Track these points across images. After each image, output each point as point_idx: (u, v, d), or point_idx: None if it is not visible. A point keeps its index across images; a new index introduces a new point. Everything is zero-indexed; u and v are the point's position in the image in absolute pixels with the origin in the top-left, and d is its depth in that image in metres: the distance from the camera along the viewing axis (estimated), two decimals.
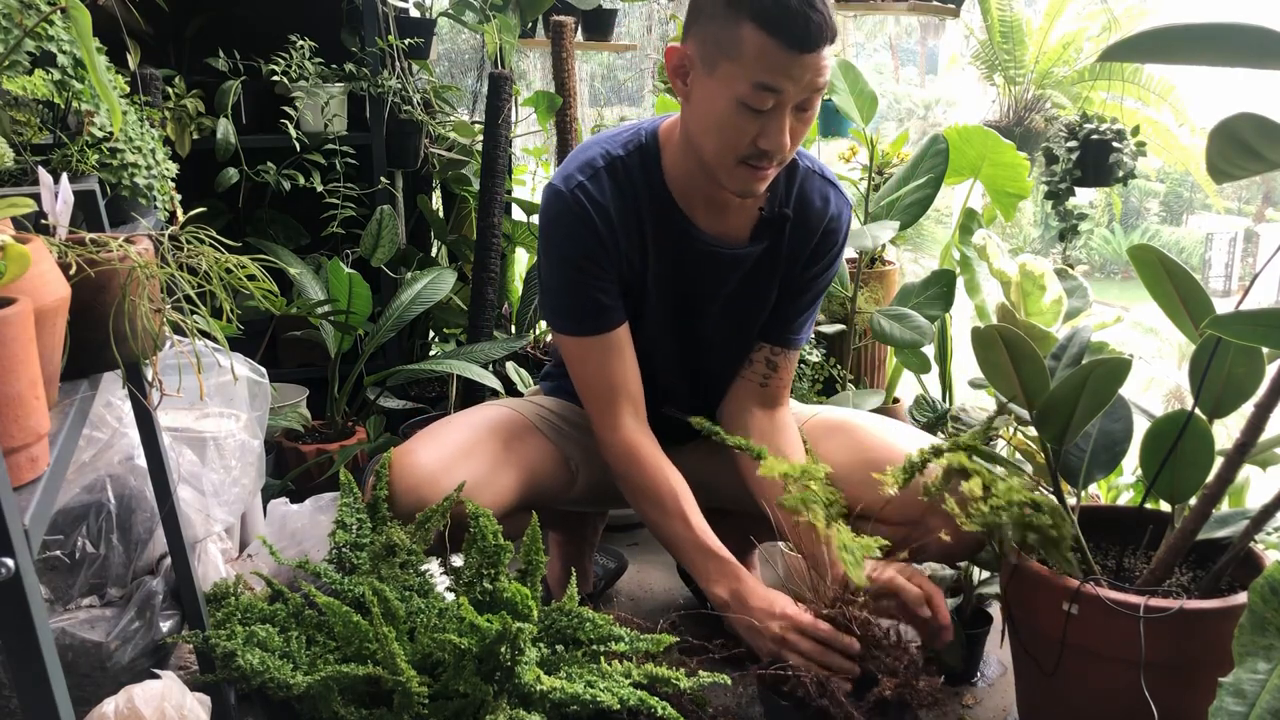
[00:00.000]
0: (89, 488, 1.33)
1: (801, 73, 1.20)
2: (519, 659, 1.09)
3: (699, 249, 1.41)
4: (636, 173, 1.38)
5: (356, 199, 2.38)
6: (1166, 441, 1.22)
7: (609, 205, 1.36)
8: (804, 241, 1.45)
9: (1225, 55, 0.78)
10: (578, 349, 1.42)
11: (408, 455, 1.37)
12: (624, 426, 1.42)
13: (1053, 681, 1.22)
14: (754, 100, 1.22)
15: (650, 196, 1.38)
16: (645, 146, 1.39)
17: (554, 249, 1.39)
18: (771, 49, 1.18)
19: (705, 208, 1.40)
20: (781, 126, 1.24)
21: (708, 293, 1.45)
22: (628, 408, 1.42)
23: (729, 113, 1.24)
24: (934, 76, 14.26)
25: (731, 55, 1.21)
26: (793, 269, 1.47)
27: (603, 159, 1.37)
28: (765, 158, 1.27)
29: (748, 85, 1.21)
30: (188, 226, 0.99)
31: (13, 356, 0.70)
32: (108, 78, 1.02)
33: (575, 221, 1.35)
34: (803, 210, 1.44)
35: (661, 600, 1.85)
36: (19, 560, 0.67)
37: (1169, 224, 12.53)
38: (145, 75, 1.90)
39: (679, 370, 1.53)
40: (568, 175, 1.37)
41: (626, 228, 1.37)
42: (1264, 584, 0.88)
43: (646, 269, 1.42)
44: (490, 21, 2.51)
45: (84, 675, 1.22)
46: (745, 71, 1.20)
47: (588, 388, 1.44)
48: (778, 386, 1.52)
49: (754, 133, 1.25)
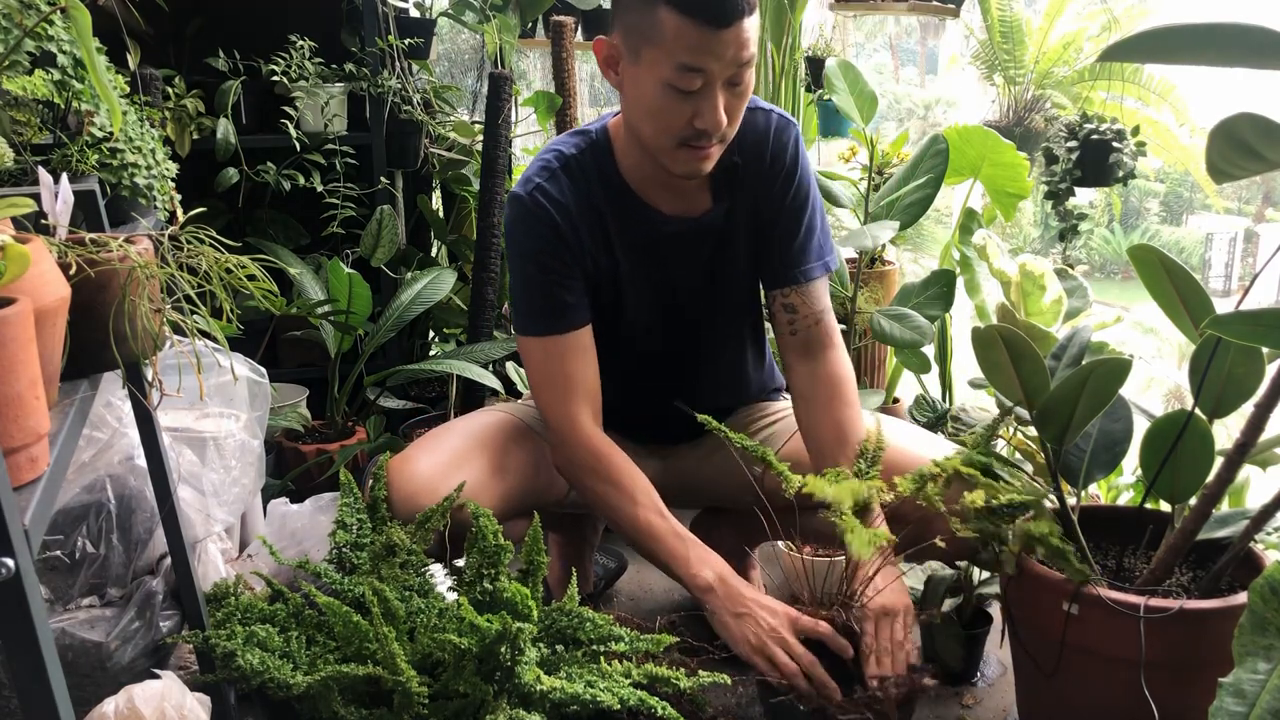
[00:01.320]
0: (89, 488, 1.33)
1: (723, 49, 1.21)
2: (519, 659, 1.09)
3: (666, 231, 1.42)
4: (590, 169, 1.39)
5: (356, 199, 2.38)
6: (1166, 441, 1.22)
7: (568, 203, 1.37)
8: (762, 178, 1.43)
9: (1225, 55, 0.78)
10: (540, 349, 1.41)
11: (406, 463, 1.38)
12: (585, 424, 1.40)
13: (1053, 682, 1.22)
14: (681, 82, 1.23)
15: (607, 190, 1.40)
16: (596, 142, 1.41)
17: (516, 250, 1.40)
18: (689, 29, 1.19)
19: (663, 190, 1.41)
20: (714, 104, 1.25)
21: (685, 271, 1.46)
22: (588, 407, 1.40)
23: (659, 97, 1.25)
24: (934, 76, 14.26)
25: (653, 40, 1.22)
26: (759, 211, 1.45)
27: (557, 160, 1.39)
28: (704, 137, 1.28)
29: (671, 68, 1.22)
30: (188, 226, 0.99)
31: (13, 356, 0.70)
32: (108, 78, 1.02)
33: (534, 221, 1.37)
34: (746, 150, 1.42)
35: (661, 600, 1.85)
36: (19, 560, 0.67)
37: (1169, 224, 12.52)
38: (145, 75, 1.90)
39: (680, 360, 1.53)
40: (526, 179, 1.39)
41: (588, 223, 1.39)
42: (1264, 584, 0.88)
43: (617, 265, 1.42)
44: (490, 21, 2.51)
45: (84, 675, 1.22)
46: (667, 55, 1.21)
47: (549, 386, 1.41)
48: (807, 328, 1.45)
49: (688, 114, 1.25)
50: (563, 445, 1.42)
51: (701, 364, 1.55)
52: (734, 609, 1.27)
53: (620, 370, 1.48)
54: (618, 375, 1.47)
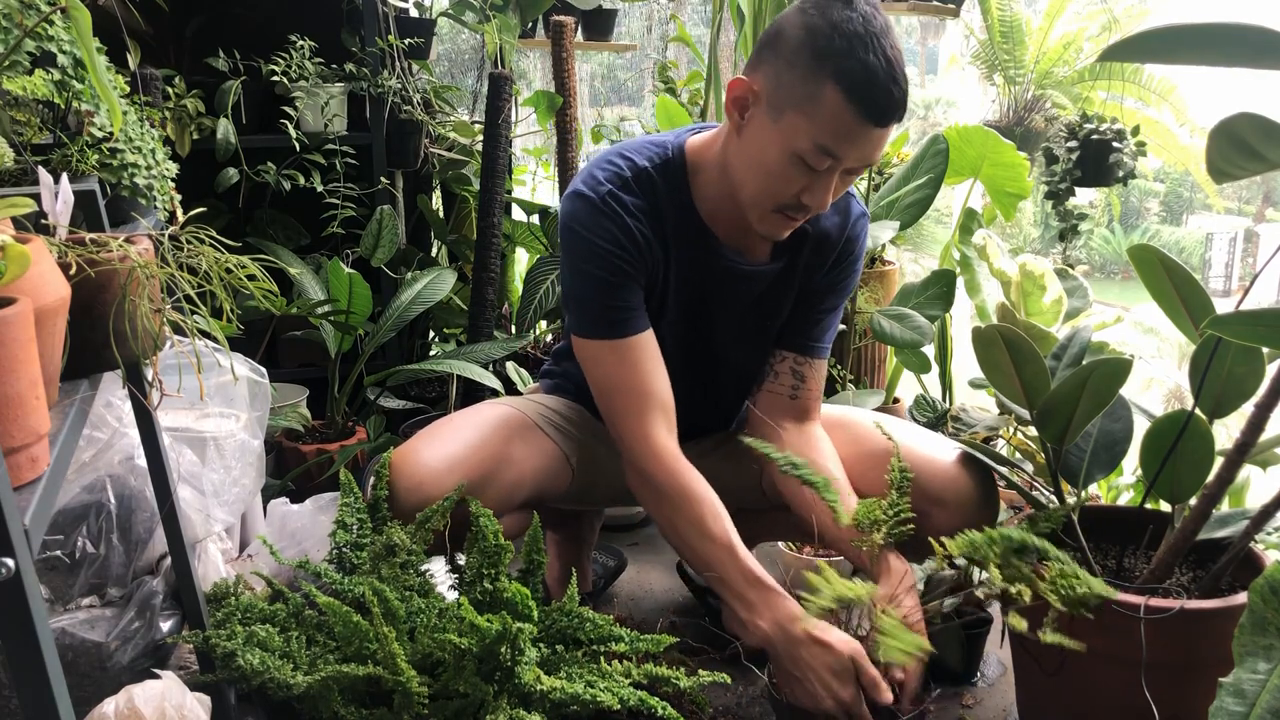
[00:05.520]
0: (89, 488, 1.33)
1: (866, 144, 1.20)
2: (519, 659, 1.09)
3: (721, 265, 1.41)
4: (661, 186, 1.36)
5: (356, 199, 2.38)
6: (1166, 441, 1.22)
7: (639, 212, 1.34)
8: (823, 255, 1.45)
9: (1225, 55, 0.78)
10: (609, 354, 1.35)
11: (410, 454, 1.37)
12: (658, 436, 1.33)
13: (1053, 682, 1.22)
14: (812, 159, 1.21)
15: (675, 211, 1.37)
16: (671, 160, 1.37)
17: (582, 249, 1.34)
18: (847, 115, 1.17)
19: (731, 229, 1.39)
20: (829, 187, 1.24)
21: (725, 308, 1.45)
22: (660, 417, 1.34)
23: (782, 163, 1.23)
24: (934, 76, 14.26)
25: (803, 109, 1.19)
26: (810, 280, 1.46)
27: (630, 169, 1.35)
28: (804, 211, 1.28)
29: (810, 143, 1.20)
30: (188, 226, 0.99)
31: (13, 356, 0.70)
32: (108, 78, 1.02)
33: (607, 222, 1.32)
34: (820, 226, 1.43)
35: (661, 600, 1.85)
36: (19, 560, 0.67)
37: (1169, 224, 12.52)
38: (145, 75, 1.90)
39: (688, 383, 1.53)
40: (595, 182, 1.34)
41: (651, 237, 1.36)
42: (1264, 584, 0.88)
43: (668, 283, 1.41)
44: (490, 21, 2.51)
45: (84, 675, 1.22)
46: (813, 129, 1.19)
47: (617, 394, 1.35)
48: (808, 398, 1.48)
49: (800, 187, 1.24)
50: (630, 457, 1.36)
51: (710, 394, 1.56)
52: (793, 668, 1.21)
53: None
54: None
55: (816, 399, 1.50)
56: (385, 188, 2.43)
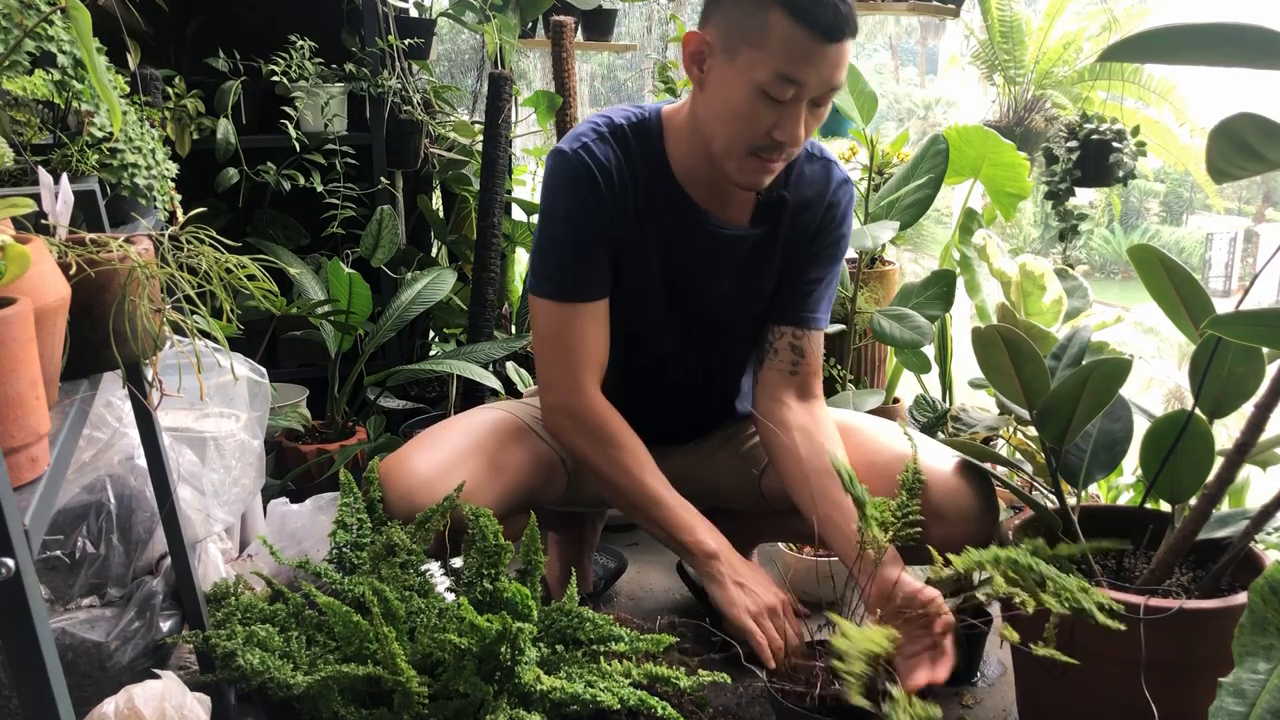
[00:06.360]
0: (89, 488, 1.33)
1: (824, 63, 1.21)
2: (519, 659, 1.09)
3: (700, 229, 1.41)
4: (636, 145, 1.38)
5: (356, 199, 2.38)
6: (1166, 441, 1.22)
7: (611, 168, 1.36)
8: (805, 222, 1.45)
9: (1225, 55, 0.78)
10: (556, 314, 1.38)
11: (402, 462, 1.37)
12: (590, 388, 1.39)
13: (1053, 681, 1.22)
14: (775, 89, 1.21)
15: (650, 170, 1.38)
16: (647, 120, 1.39)
17: (551, 206, 1.38)
18: (798, 36, 1.18)
19: (707, 191, 1.40)
20: (798, 118, 1.24)
21: (710, 274, 1.45)
22: (594, 375, 1.40)
23: (747, 101, 1.24)
24: (934, 76, 14.27)
25: (755, 42, 1.20)
26: (795, 249, 1.46)
27: (607, 126, 1.38)
28: (777, 149, 1.27)
29: (770, 73, 1.20)
30: (188, 226, 0.99)
31: (13, 356, 0.70)
32: (108, 78, 1.02)
33: (575, 178, 1.35)
34: (800, 192, 1.43)
35: (661, 600, 1.85)
36: (19, 560, 0.67)
37: (1169, 224, 12.53)
38: (145, 75, 1.90)
39: (688, 357, 1.52)
40: (574, 137, 1.37)
41: (625, 193, 1.37)
42: (1264, 584, 0.88)
43: (645, 246, 1.41)
44: (490, 21, 2.51)
45: (84, 675, 1.22)
46: (769, 59, 1.20)
47: (558, 348, 1.39)
48: (808, 373, 1.48)
49: (770, 123, 1.25)
50: (564, 404, 1.40)
51: (704, 371, 1.55)
52: (736, 577, 1.31)
53: (624, 364, 1.48)
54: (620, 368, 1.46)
55: (816, 373, 1.50)
56: (385, 188, 2.43)
